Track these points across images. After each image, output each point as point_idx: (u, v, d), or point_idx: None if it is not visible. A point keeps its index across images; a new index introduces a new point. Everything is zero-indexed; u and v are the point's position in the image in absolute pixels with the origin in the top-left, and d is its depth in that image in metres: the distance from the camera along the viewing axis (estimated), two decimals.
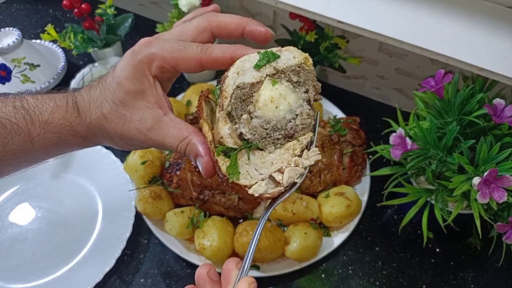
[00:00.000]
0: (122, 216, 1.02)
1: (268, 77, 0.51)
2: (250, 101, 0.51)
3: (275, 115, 0.51)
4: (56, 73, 1.27)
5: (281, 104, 0.51)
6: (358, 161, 1.07)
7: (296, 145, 0.52)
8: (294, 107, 0.52)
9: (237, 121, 0.50)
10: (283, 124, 0.51)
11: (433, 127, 0.82)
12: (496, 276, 0.97)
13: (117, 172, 1.08)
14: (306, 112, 0.52)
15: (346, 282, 0.96)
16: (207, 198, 0.97)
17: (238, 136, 0.50)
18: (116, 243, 0.97)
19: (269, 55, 0.52)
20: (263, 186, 0.50)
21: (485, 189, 0.75)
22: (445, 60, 0.86)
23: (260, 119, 0.50)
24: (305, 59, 0.54)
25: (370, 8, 0.92)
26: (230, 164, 0.49)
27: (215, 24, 0.54)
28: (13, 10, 1.52)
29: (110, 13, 1.18)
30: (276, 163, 0.51)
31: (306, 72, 0.54)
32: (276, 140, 0.52)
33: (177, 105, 1.14)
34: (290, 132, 0.52)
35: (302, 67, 0.54)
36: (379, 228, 1.04)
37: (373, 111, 1.26)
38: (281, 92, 0.51)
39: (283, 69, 0.52)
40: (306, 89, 0.54)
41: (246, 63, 0.51)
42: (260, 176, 0.50)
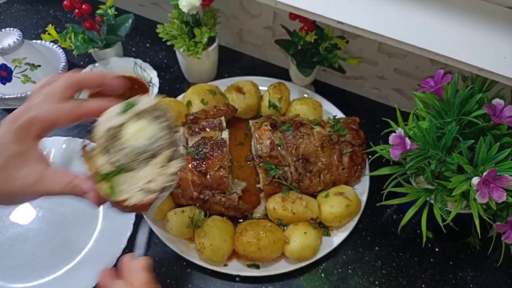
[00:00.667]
0: (123, 215, 1.02)
1: (132, 117, 0.68)
2: (120, 137, 0.67)
3: (140, 142, 0.67)
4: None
5: (144, 134, 0.68)
6: (357, 161, 1.07)
7: (161, 159, 0.67)
8: (156, 134, 0.68)
9: (111, 153, 0.65)
10: (147, 147, 0.67)
11: (433, 127, 0.82)
12: (495, 276, 0.98)
13: None
14: (165, 135, 0.68)
15: (346, 282, 0.96)
16: (208, 198, 0.98)
17: (113, 164, 0.65)
18: (117, 242, 0.98)
19: (130, 103, 0.69)
20: (139, 196, 0.64)
21: (484, 189, 0.75)
22: (444, 61, 0.86)
23: (128, 148, 0.66)
24: (159, 100, 0.72)
25: (369, 9, 0.92)
26: (109, 186, 0.63)
27: (78, 82, 0.67)
28: (14, 11, 1.52)
29: (110, 14, 1.18)
30: (147, 176, 0.65)
31: (161, 109, 0.71)
32: (144, 160, 0.67)
33: (178, 106, 1.14)
34: (154, 152, 0.67)
35: (157, 106, 0.71)
36: (378, 228, 1.04)
37: (372, 111, 1.26)
38: (143, 126, 0.69)
39: (143, 110, 0.69)
40: (164, 121, 0.70)
41: (114, 111, 0.68)
42: (136, 189, 0.64)
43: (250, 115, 1.21)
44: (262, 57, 1.39)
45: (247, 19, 1.28)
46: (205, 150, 1.00)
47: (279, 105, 1.16)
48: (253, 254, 0.92)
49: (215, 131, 1.07)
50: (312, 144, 1.03)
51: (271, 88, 1.18)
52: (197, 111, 1.11)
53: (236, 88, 1.20)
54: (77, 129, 1.21)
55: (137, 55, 1.38)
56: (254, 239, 0.92)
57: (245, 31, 1.33)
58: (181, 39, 1.14)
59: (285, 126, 1.05)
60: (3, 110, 1.25)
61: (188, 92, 1.18)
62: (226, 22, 1.33)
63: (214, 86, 1.19)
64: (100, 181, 0.63)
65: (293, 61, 1.18)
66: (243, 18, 1.29)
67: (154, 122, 0.69)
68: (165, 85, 1.30)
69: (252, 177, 1.10)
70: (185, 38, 1.14)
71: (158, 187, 0.65)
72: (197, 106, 1.14)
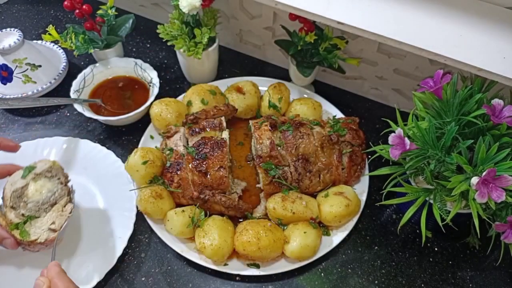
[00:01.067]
0: (123, 215, 1.02)
1: (32, 179, 0.93)
2: (24, 195, 0.91)
3: (40, 197, 0.92)
4: (57, 74, 1.27)
5: (43, 190, 0.93)
6: (357, 161, 1.07)
7: (59, 206, 0.93)
8: (53, 189, 0.94)
9: (18, 209, 0.90)
10: (47, 200, 0.92)
11: (432, 127, 0.82)
12: (495, 275, 0.98)
13: (118, 172, 1.09)
14: (59, 189, 0.94)
15: (345, 281, 0.97)
16: (208, 198, 0.98)
17: (21, 216, 0.90)
18: (117, 242, 0.98)
19: (29, 168, 0.94)
20: (45, 235, 0.89)
21: (483, 188, 0.75)
22: (443, 61, 0.86)
23: (32, 203, 0.91)
24: (53, 163, 0.96)
25: (369, 9, 0.92)
26: (20, 232, 0.88)
27: None
28: (15, 11, 1.53)
29: (111, 14, 1.19)
30: (49, 219, 0.91)
31: (55, 169, 0.96)
32: (46, 208, 0.92)
33: (178, 106, 1.14)
34: (53, 201, 0.93)
35: (51, 167, 0.95)
36: (378, 227, 1.05)
37: (372, 111, 1.26)
38: (42, 184, 0.93)
39: (40, 172, 0.94)
40: (58, 178, 0.96)
41: (16, 176, 0.93)
42: (43, 230, 0.89)
43: (250, 115, 1.21)
44: (262, 58, 1.39)
45: (247, 19, 1.29)
46: (205, 150, 1.01)
47: (279, 105, 1.16)
48: (253, 254, 0.92)
49: (215, 131, 1.07)
50: (312, 144, 1.04)
51: (271, 88, 1.18)
52: (197, 111, 1.11)
53: (236, 88, 1.20)
54: (77, 129, 1.21)
55: (137, 55, 1.39)
56: (254, 238, 0.92)
57: (245, 32, 1.34)
58: (182, 40, 1.14)
59: (285, 126, 1.05)
60: (4, 110, 1.26)
61: (189, 92, 1.18)
62: (226, 22, 1.33)
63: (214, 86, 1.19)
64: (13, 229, 0.87)
65: (293, 61, 1.19)
66: (243, 18, 1.29)
67: (50, 180, 0.94)
68: (165, 85, 1.30)
69: (252, 177, 1.10)
70: (186, 38, 1.15)
71: (58, 227, 0.90)
72: (197, 106, 1.15)
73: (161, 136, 1.14)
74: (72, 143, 1.15)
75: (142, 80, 1.25)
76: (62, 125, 1.22)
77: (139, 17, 1.47)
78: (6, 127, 1.22)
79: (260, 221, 0.97)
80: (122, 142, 1.18)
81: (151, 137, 1.15)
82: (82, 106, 1.15)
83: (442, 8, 0.92)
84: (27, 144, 1.12)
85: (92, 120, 1.22)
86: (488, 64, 0.84)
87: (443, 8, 0.92)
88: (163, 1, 1.40)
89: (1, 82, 1.22)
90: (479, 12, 0.91)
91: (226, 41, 1.41)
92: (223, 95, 1.19)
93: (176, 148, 1.05)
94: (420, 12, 0.92)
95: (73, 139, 1.15)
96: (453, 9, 0.92)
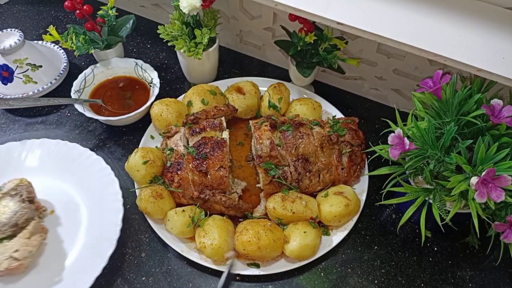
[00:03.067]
0: (108, 229, 0.97)
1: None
2: None
3: (3, 217, 0.90)
4: (58, 74, 1.28)
5: (7, 211, 0.91)
6: (357, 161, 1.08)
7: (25, 233, 0.91)
8: (14, 208, 0.92)
9: None
10: (8, 220, 0.90)
11: (431, 127, 0.82)
12: (494, 275, 0.98)
13: (106, 180, 1.04)
14: (21, 208, 0.92)
15: (345, 281, 0.97)
16: (208, 198, 0.98)
17: None
18: (96, 260, 0.93)
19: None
20: (7, 262, 0.86)
21: (483, 188, 0.76)
22: (443, 61, 0.87)
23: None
24: (20, 180, 0.97)
25: (369, 10, 0.93)
26: None
27: None
28: (15, 11, 1.53)
29: (111, 14, 1.19)
30: (13, 247, 0.88)
31: (21, 186, 0.96)
32: (13, 231, 0.90)
33: (178, 106, 1.15)
34: (14, 223, 0.90)
35: (19, 185, 0.95)
36: (377, 227, 1.05)
37: (371, 111, 1.27)
38: (5, 204, 0.92)
39: (6, 191, 0.94)
40: (20, 195, 0.94)
41: None
42: (4, 257, 0.86)
43: (250, 115, 1.21)
44: (262, 58, 1.39)
45: (247, 20, 1.29)
46: (206, 150, 1.01)
47: (279, 106, 1.16)
48: (253, 253, 0.92)
49: (216, 131, 1.07)
50: (311, 144, 1.04)
51: (271, 88, 1.19)
52: (197, 111, 1.12)
53: (236, 88, 1.20)
54: (78, 129, 1.22)
55: (138, 55, 1.39)
56: (254, 238, 0.92)
57: (245, 32, 1.34)
58: (182, 40, 1.15)
59: (284, 126, 1.05)
60: (4, 110, 1.26)
61: (189, 93, 1.18)
62: (227, 23, 1.34)
63: (214, 87, 1.20)
64: None
65: (293, 61, 1.19)
66: (243, 19, 1.29)
67: (12, 199, 0.93)
68: (165, 86, 1.30)
69: (252, 177, 1.11)
70: (186, 39, 1.15)
71: (21, 256, 0.87)
72: (197, 106, 1.15)
73: (162, 136, 1.14)
74: (60, 147, 1.11)
75: (143, 80, 1.25)
76: (62, 125, 1.23)
77: (139, 18, 1.48)
78: (7, 127, 1.23)
79: (260, 221, 0.97)
80: (123, 142, 1.19)
81: (152, 137, 1.15)
82: (83, 106, 1.15)
83: (442, 8, 0.92)
84: (13, 145, 1.10)
85: (93, 120, 1.22)
86: (488, 64, 0.84)
87: (443, 9, 0.92)
88: (163, 1, 1.40)
89: (2, 82, 1.22)
90: (479, 13, 0.92)
91: (226, 42, 1.41)
92: (223, 96, 1.20)
93: (177, 148, 1.05)
94: (420, 12, 0.92)
95: (61, 142, 1.11)
96: (453, 10, 0.92)
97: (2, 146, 1.11)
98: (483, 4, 0.93)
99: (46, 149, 1.11)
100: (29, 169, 1.08)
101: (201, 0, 1.07)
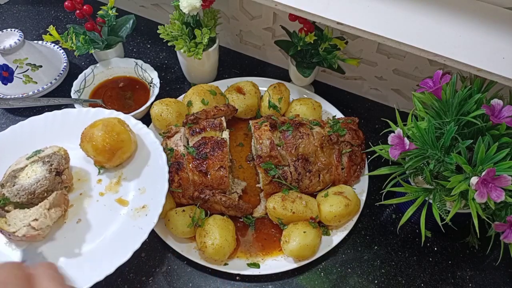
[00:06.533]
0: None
1: (32, 162, 0.92)
2: (16, 177, 0.90)
3: (26, 182, 0.89)
4: (58, 74, 1.28)
5: (32, 176, 0.90)
6: (357, 161, 1.08)
7: (46, 203, 0.87)
8: (38, 177, 0.90)
9: (5, 187, 0.89)
10: (29, 187, 0.88)
11: (431, 127, 0.82)
12: (494, 275, 0.98)
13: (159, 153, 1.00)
14: (44, 179, 0.90)
15: (345, 281, 0.97)
16: (208, 198, 0.98)
17: (4, 195, 0.88)
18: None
19: (36, 152, 0.95)
20: (25, 230, 0.84)
21: (483, 188, 0.76)
22: (443, 61, 0.87)
23: (17, 185, 0.89)
24: (59, 149, 0.96)
25: (369, 10, 0.93)
26: (4, 222, 0.85)
27: None
28: (15, 11, 1.53)
29: (111, 15, 1.19)
30: (32, 215, 0.85)
31: (56, 155, 0.94)
32: (34, 199, 0.88)
33: (178, 106, 1.15)
34: (33, 191, 0.88)
35: (54, 153, 0.94)
36: (377, 227, 1.05)
37: (371, 111, 1.27)
38: (34, 169, 0.91)
39: (43, 156, 0.93)
40: (51, 164, 0.92)
41: (23, 158, 0.94)
42: (23, 224, 0.85)
43: (250, 115, 1.21)
44: (262, 58, 1.39)
45: (247, 20, 1.29)
46: (206, 150, 1.01)
47: (279, 106, 1.16)
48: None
49: (216, 131, 1.07)
50: (311, 144, 1.04)
51: (271, 88, 1.19)
52: (197, 111, 1.12)
53: (236, 88, 1.20)
54: None
55: (138, 55, 1.39)
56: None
57: (245, 32, 1.34)
58: (182, 40, 1.15)
59: (284, 126, 1.05)
60: (4, 110, 1.26)
61: (189, 93, 1.18)
62: (227, 23, 1.34)
63: (214, 87, 1.20)
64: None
65: (293, 61, 1.19)
66: (243, 19, 1.30)
67: (42, 166, 0.91)
68: (165, 86, 1.31)
69: (252, 177, 1.11)
70: (186, 39, 1.15)
71: (39, 226, 0.84)
72: (197, 106, 1.15)
73: (162, 136, 1.14)
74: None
75: (143, 80, 1.25)
76: None
77: (139, 18, 1.48)
78: (7, 127, 1.22)
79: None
80: None
81: None
82: (83, 106, 1.15)
83: (442, 8, 0.92)
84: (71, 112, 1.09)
85: None
86: (488, 64, 0.84)
87: (443, 9, 0.92)
88: (163, 1, 1.40)
89: (2, 82, 1.22)
90: (479, 13, 0.92)
91: (226, 42, 1.41)
92: (223, 95, 1.20)
93: (177, 148, 1.05)
94: (420, 12, 0.92)
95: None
96: (453, 10, 0.92)
97: (59, 111, 1.09)
98: (483, 4, 0.93)
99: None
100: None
101: (201, 0, 1.07)
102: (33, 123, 1.08)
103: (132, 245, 0.88)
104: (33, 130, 1.07)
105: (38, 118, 1.08)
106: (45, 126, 1.08)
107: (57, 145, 0.99)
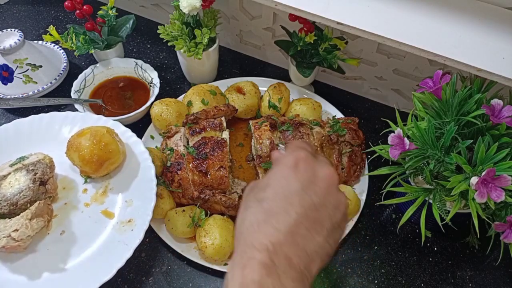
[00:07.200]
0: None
1: (15, 170, 0.88)
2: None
3: (8, 192, 0.85)
4: (58, 74, 1.28)
5: (15, 185, 0.86)
6: (356, 161, 1.08)
7: (28, 213, 0.83)
8: (21, 187, 0.86)
9: None
10: (11, 197, 0.84)
11: (431, 127, 0.82)
12: (494, 275, 0.98)
13: (145, 165, 0.98)
14: (27, 189, 0.86)
15: (345, 281, 0.97)
16: (208, 198, 0.98)
17: None
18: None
19: (20, 158, 0.91)
20: (4, 241, 0.80)
21: (483, 188, 0.76)
22: (443, 61, 0.87)
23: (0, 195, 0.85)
24: (44, 156, 0.92)
25: (369, 10, 0.93)
26: None
27: None
28: (15, 11, 1.53)
29: (111, 14, 1.19)
30: (13, 225, 0.82)
31: (40, 163, 0.89)
32: (16, 209, 0.84)
33: (178, 106, 1.15)
34: (16, 202, 0.84)
35: (39, 160, 0.90)
36: (377, 227, 1.05)
37: (371, 111, 1.27)
38: (17, 177, 0.87)
39: (27, 164, 0.89)
40: (35, 173, 0.88)
41: (6, 164, 0.90)
42: (3, 235, 0.81)
43: (250, 115, 1.21)
44: (262, 58, 1.39)
45: (247, 20, 1.29)
46: (206, 150, 1.01)
47: (279, 106, 1.16)
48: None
49: (216, 131, 1.07)
50: (311, 144, 1.04)
51: (271, 88, 1.19)
52: (197, 111, 1.12)
53: (236, 88, 1.20)
54: None
55: (138, 55, 1.39)
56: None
57: (245, 32, 1.34)
58: (182, 40, 1.15)
59: (284, 126, 1.05)
60: (4, 110, 1.26)
61: (189, 93, 1.18)
62: (227, 23, 1.34)
63: (214, 87, 1.20)
64: None
65: (293, 61, 1.19)
66: (243, 19, 1.30)
67: (26, 175, 0.87)
68: (165, 86, 1.31)
69: (252, 177, 1.11)
70: (186, 39, 1.15)
71: (19, 237, 0.81)
72: (197, 107, 1.15)
73: (162, 136, 1.14)
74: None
75: (143, 80, 1.25)
76: None
77: (139, 18, 1.48)
78: None
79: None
80: None
81: (152, 137, 1.15)
82: (83, 106, 1.15)
83: (442, 8, 0.92)
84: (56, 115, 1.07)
85: None
86: (488, 64, 0.84)
87: (443, 9, 0.92)
88: (163, 1, 1.40)
89: (2, 82, 1.22)
90: (479, 13, 0.92)
91: (226, 42, 1.41)
92: (223, 95, 1.20)
93: (177, 148, 1.05)
94: (420, 12, 0.92)
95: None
96: (453, 10, 0.92)
97: (46, 114, 1.07)
98: (483, 4, 0.93)
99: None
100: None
101: (201, 0, 1.07)
102: (18, 127, 1.05)
103: (116, 262, 0.86)
104: (18, 134, 1.04)
105: (24, 121, 1.06)
106: (30, 130, 1.05)
107: (42, 151, 0.96)
